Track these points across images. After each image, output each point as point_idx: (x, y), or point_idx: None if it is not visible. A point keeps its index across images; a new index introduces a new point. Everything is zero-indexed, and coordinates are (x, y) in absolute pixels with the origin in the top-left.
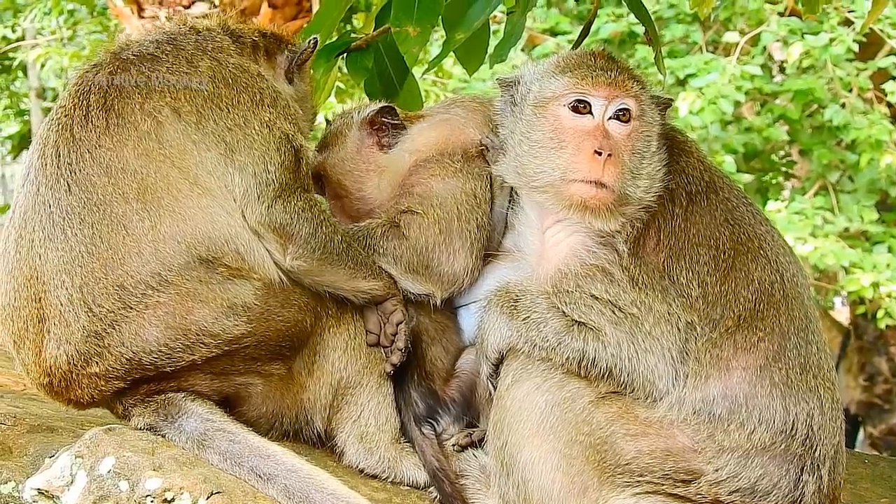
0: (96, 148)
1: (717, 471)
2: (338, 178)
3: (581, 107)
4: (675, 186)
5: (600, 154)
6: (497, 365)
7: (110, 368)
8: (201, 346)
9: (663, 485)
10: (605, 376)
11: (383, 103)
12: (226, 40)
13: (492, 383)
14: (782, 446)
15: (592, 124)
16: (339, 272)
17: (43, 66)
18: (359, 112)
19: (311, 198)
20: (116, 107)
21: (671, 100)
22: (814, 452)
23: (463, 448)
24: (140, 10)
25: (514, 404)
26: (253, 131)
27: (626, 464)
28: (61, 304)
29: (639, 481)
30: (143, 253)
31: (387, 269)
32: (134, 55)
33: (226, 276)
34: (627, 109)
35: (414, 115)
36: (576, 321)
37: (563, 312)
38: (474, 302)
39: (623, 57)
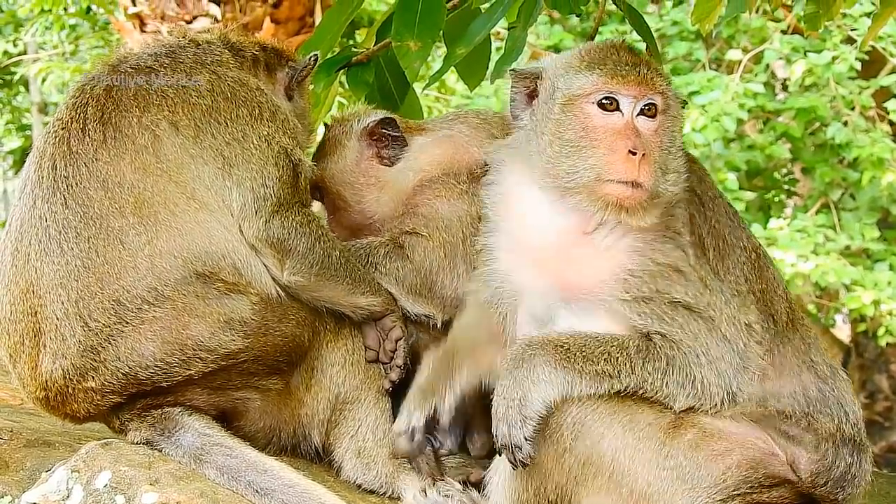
0: (93, 161)
1: (814, 463)
2: (336, 189)
3: (609, 104)
4: (693, 187)
5: (634, 154)
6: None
7: (106, 383)
8: (198, 360)
9: (753, 494)
10: (686, 394)
11: (383, 114)
12: (225, 54)
13: (529, 445)
14: (857, 430)
15: (622, 122)
16: (337, 288)
17: (44, 80)
18: (358, 121)
19: (309, 213)
20: (114, 120)
21: (685, 101)
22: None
23: (463, 484)
24: (142, 24)
25: (585, 460)
26: (251, 145)
27: (719, 485)
28: (57, 318)
29: (733, 495)
30: (140, 267)
31: (388, 289)
32: (132, 68)
33: (223, 290)
34: (654, 105)
35: (415, 127)
36: (648, 335)
37: (634, 328)
38: None
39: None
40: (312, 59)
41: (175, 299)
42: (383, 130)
